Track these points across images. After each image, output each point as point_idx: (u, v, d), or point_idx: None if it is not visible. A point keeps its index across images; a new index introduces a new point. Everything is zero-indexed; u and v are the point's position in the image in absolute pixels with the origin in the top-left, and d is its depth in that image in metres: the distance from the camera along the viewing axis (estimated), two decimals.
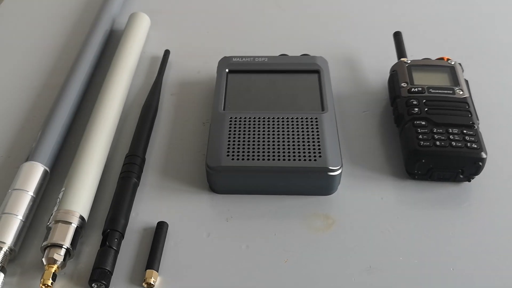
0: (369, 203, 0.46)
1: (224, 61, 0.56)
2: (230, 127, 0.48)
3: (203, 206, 0.47)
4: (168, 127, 0.55)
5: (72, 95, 0.55)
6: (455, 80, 0.52)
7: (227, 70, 0.55)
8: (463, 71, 0.54)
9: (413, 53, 0.58)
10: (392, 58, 0.57)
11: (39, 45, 0.66)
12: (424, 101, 0.50)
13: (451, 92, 0.50)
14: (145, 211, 0.46)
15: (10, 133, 0.54)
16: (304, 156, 0.46)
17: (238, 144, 0.47)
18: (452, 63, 0.54)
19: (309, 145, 0.47)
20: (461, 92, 0.50)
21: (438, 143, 0.46)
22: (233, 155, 0.46)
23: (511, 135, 0.53)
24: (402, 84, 0.52)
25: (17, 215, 0.42)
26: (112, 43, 0.65)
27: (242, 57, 0.57)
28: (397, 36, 0.60)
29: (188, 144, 0.53)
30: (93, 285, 0.40)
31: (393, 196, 0.47)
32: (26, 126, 0.55)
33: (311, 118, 0.49)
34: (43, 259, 0.40)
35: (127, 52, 0.60)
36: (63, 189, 0.44)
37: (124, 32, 0.63)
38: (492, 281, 0.41)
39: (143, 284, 0.40)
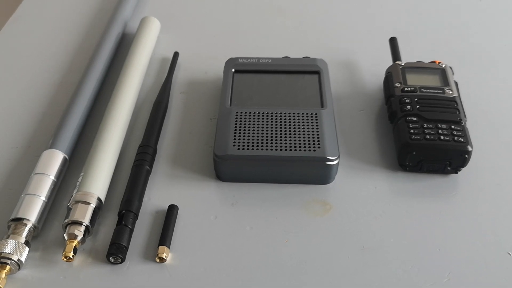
0: (364, 192, 0.50)
1: (231, 62, 0.60)
2: (236, 120, 0.52)
3: (210, 192, 0.50)
4: (178, 122, 0.58)
5: (87, 91, 0.58)
6: (445, 81, 0.55)
7: (233, 70, 0.58)
8: (453, 73, 0.57)
9: (407, 58, 0.61)
10: (387, 62, 0.61)
11: (56, 46, 0.70)
12: (416, 99, 0.53)
13: (441, 91, 0.54)
14: (156, 196, 0.49)
15: (31, 125, 0.57)
16: (305, 147, 0.49)
17: (244, 136, 0.50)
18: (443, 66, 0.57)
19: (309, 137, 0.50)
20: (450, 92, 0.54)
21: (428, 137, 0.49)
22: (238, 145, 0.49)
23: (496, 131, 0.56)
24: (396, 84, 0.55)
25: (40, 196, 0.46)
26: (124, 45, 0.69)
27: (247, 58, 0.60)
28: (393, 42, 0.63)
29: (196, 137, 0.56)
30: (110, 258, 0.43)
31: (386, 185, 0.50)
32: (45, 119, 0.58)
33: (311, 113, 0.52)
34: (65, 235, 0.43)
35: (139, 53, 0.63)
36: (82, 173, 0.48)
37: (135, 35, 0.67)
38: (473, 259, 0.44)
39: (156, 259, 0.43)
